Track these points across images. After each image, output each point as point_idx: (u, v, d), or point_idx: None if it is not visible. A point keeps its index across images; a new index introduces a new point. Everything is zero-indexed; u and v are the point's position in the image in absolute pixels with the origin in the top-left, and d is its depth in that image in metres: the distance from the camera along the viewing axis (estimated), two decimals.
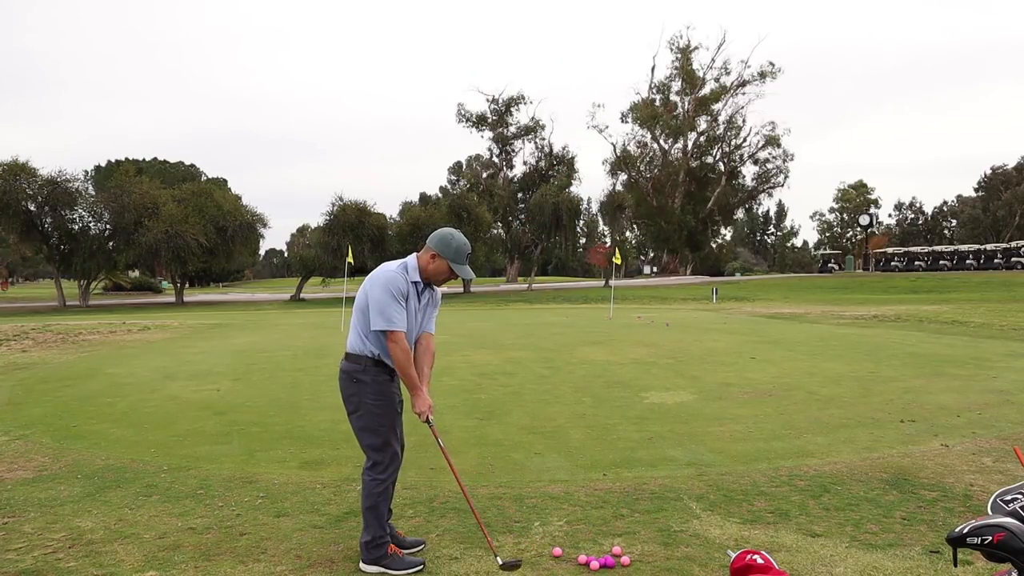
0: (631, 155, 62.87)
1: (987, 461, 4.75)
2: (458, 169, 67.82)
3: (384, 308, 3.06)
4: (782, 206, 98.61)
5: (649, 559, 3.23)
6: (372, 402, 3.19)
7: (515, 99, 52.64)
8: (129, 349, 13.19)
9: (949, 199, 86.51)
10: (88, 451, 5.38)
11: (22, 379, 9.37)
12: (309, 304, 33.59)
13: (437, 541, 3.50)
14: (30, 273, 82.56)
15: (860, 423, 5.95)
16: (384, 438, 3.22)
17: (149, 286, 54.79)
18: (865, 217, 52.53)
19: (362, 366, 3.18)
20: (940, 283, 32.58)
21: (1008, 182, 73.64)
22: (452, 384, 8.23)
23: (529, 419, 6.26)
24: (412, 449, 3.90)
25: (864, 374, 8.55)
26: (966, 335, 13.10)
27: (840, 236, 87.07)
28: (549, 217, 42.08)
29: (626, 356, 10.60)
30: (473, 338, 13.87)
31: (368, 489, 3.21)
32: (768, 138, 60.61)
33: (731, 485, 4.32)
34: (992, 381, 7.90)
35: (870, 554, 3.25)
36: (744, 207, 69.44)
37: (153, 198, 33.37)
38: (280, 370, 9.70)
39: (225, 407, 7.07)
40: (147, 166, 64.26)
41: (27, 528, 3.74)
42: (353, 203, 36.04)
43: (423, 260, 3.22)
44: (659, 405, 6.87)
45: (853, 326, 15.51)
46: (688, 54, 60.58)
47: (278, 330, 17.34)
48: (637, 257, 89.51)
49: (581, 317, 20.53)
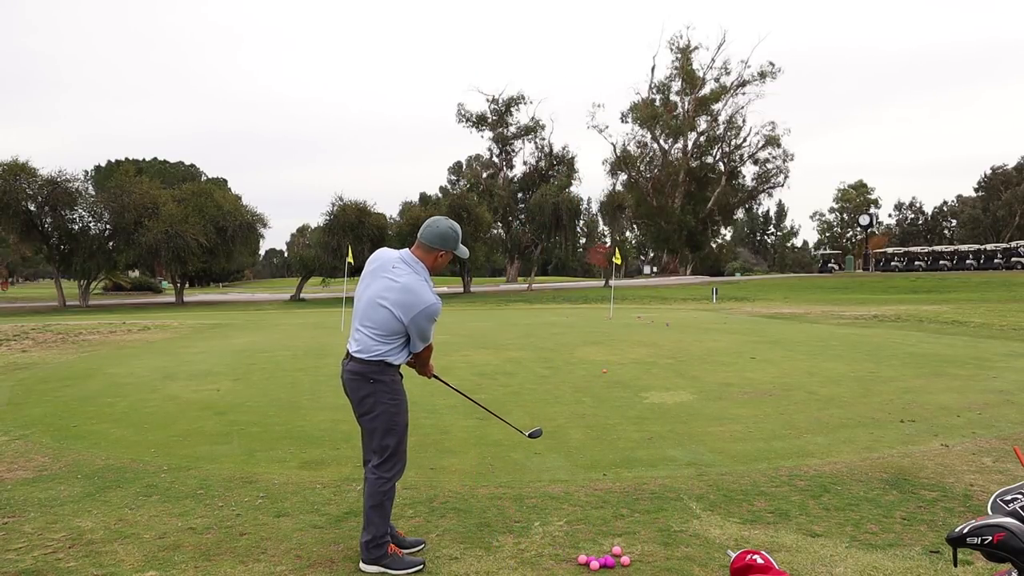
0: (631, 155, 62.89)
1: (987, 461, 4.75)
2: (458, 169, 67.84)
3: (428, 335, 3.28)
4: (782, 206, 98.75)
5: (649, 559, 3.23)
6: (390, 402, 3.20)
7: (515, 99, 52.65)
8: (129, 349, 13.19)
9: (949, 199, 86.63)
10: (88, 451, 5.38)
11: (22, 379, 9.37)
12: (309, 304, 33.59)
13: (437, 541, 3.50)
14: (30, 273, 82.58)
15: (860, 423, 5.95)
16: (399, 437, 3.24)
17: (149, 286, 54.79)
18: (865, 217, 52.51)
19: (379, 367, 3.18)
20: (940, 283, 32.57)
21: (1008, 182, 73.60)
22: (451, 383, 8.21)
23: (529, 419, 6.25)
24: (412, 449, 3.90)
25: (864, 374, 8.55)
26: (966, 335, 13.10)
27: (840, 236, 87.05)
28: (549, 217, 42.09)
29: (626, 356, 10.59)
30: (473, 338, 13.87)
31: (373, 488, 3.21)
32: (768, 138, 60.67)
33: (731, 485, 4.32)
34: (992, 381, 7.90)
35: (870, 554, 3.25)
36: (744, 207, 69.45)
37: (153, 198, 33.37)
38: (280, 370, 9.70)
39: (225, 407, 7.07)
40: (147, 166, 64.25)
41: (27, 528, 3.73)
42: (353, 203, 36.07)
43: (429, 261, 3.25)
44: (659, 405, 6.87)
45: (853, 326, 15.51)
46: (688, 54, 60.60)
47: (278, 330, 17.33)
48: (637, 257, 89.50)
49: (581, 317, 20.53)
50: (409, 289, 3.13)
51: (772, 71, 58.27)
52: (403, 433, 3.27)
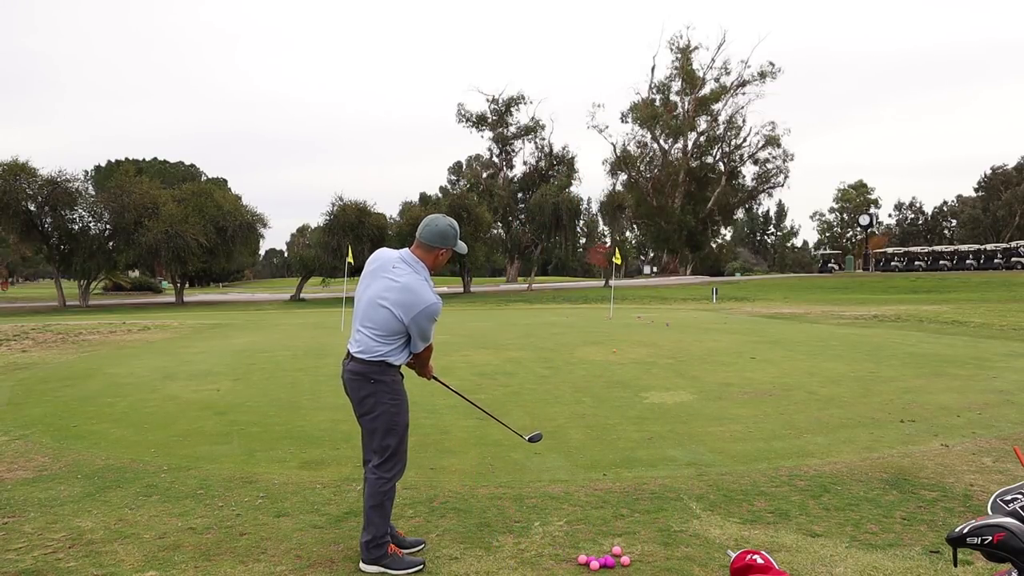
0: (631, 155, 62.89)
1: (987, 461, 4.75)
2: (458, 169, 67.83)
3: (429, 335, 3.28)
4: (782, 206, 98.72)
5: (649, 559, 3.23)
6: (391, 402, 3.21)
7: (515, 99, 52.66)
8: (129, 349, 13.19)
9: (949, 199, 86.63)
10: (88, 451, 5.38)
11: (22, 379, 9.37)
12: (309, 304, 33.60)
13: (437, 541, 3.50)
14: (30, 273, 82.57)
15: (860, 423, 5.95)
16: (400, 437, 3.25)
17: (149, 286, 54.79)
18: (865, 217, 52.48)
19: (380, 368, 3.18)
20: (940, 283, 32.56)
21: (1008, 182, 73.60)
22: (452, 384, 8.21)
23: (529, 419, 6.26)
24: (412, 449, 3.89)
25: (864, 374, 8.55)
26: (966, 335, 13.10)
27: (840, 236, 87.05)
28: (549, 217, 42.09)
29: (626, 356, 10.60)
30: (473, 338, 13.87)
31: (374, 488, 3.21)
32: (768, 138, 60.67)
33: (731, 485, 4.32)
34: (992, 381, 7.90)
35: (870, 554, 3.25)
36: (744, 207, 69.45)
37: (153, 198, 33.37)
38: (280, 370, 9.70)
39: (225, 407, 7.07)
40: (147, 166, 64.25)
41: (27, 528, 3.73)
42: (353, 203, 36.07)
43: (429, 260, 3.25)
44: (659, 405, 6.87)
45: (853, 326, 15.51)
46: (688, 54, 60.60)
47: (278, 330, 17.33)
48: (637, 257, 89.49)
49: (581, 317, 20.53)
50: (409, 289, 3.13)
51: (772, 71, 58.33)
52: (404, 433, 3.27)
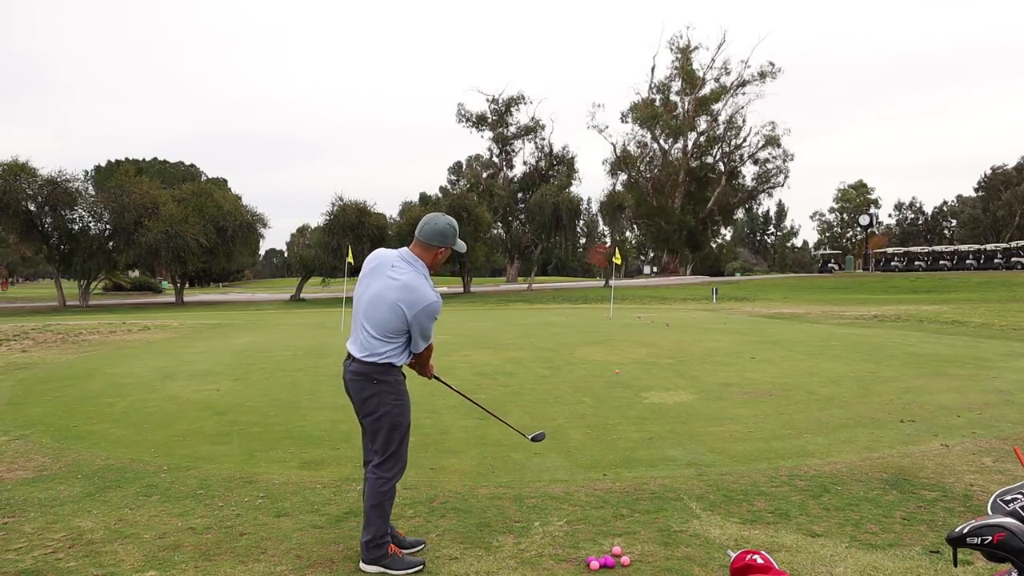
0: (631, 155, 62.87)
1: (987, 461, 4.75)
2: (458, 169, 67.80)
3: (429, 333, 3.28)
4: (782, 206, 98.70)
5: (649, 559, 3.23)
6: (394, 403, 3.21)
7: (515, 99, 52.61)
8: (129, 349, 13.19)
9: (949, 199, 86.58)
10: (88, 451, 5.38)
11: (22, 379, 9.37)
12: (309, 304, 33.59)
13: (437, 541, 3.50)
14: (30, 273, 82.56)
15: (860, 423, 5.95)
16: (402, 437, 3.25)
17: (149, 286, 54.78)
18: (865, 217, 52.50)
19: (382, 368, 3.18)
20: (940, 283, 32.57)
21: (1008, 182, 73.58)
22: (452, 384, 8.21)
23: (529, 419, 6.26)
24: (412, 449, 3.88)
25: (864, 374, 8.55)
26: (966, 335, 13.10)
27: (840, 236, 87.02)
28: (549, 217, 42.07)
29: (626, 356, 10.60)
30: (473, 338, 13.87)
31: (374, 488, 3.21)
32: (768, 138, 60.65)
33: (731, 485, 4.32)
34: (992, 381, 7.90)
35: (870, 554, 3.25)
36: (744, 207, 69.43)
37: (153, 198, 33.36)
38: (280, 370, 9.70)
39: (225, 407, 7.07)
40: (147, 166, 64.23)
41: (27, 528, 3.73)
42: (353, 203, 36.07)
43: (429, 258, 3.25)
44: (659, 405, 6.87)
45: (853, 326, 15.51)
46: (688, 54, 60.59)
47: (278, 330, 17.33)
48: (637, 257, 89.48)
49: (581, 317, 20.52)
50: (410, 287, 3.13)
51: (772, 71, 58.31)
52: (405, 434, 3.27)
